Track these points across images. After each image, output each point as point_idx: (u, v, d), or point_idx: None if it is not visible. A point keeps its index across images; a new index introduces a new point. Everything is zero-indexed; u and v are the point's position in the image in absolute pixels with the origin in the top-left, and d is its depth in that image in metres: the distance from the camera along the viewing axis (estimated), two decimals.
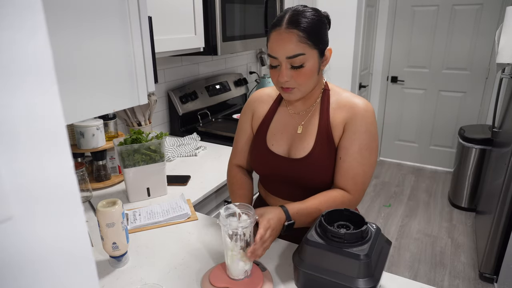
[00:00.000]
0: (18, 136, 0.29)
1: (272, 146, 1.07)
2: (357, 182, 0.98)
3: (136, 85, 0.92)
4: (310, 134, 1.03)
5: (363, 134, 0.97)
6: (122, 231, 0.96)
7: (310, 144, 1.02)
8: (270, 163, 1.07)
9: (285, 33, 0.91)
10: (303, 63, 0.92)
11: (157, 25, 1.40)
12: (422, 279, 2.34)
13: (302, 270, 0.84)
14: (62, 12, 0.72)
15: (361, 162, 0.97)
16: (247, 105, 1.17)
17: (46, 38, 0.30)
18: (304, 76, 0.94)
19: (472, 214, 3.07)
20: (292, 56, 0.91)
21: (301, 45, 0.91)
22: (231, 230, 0.84)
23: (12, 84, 0.29)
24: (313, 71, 0.95)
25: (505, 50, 1.94)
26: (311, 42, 0.91)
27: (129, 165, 1.30)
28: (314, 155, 1.00)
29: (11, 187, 0.29)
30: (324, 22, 0.95)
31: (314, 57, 0.93)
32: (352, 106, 1.00)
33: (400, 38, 3.67)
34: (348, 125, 0.99)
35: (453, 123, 3.66)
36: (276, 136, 1.08)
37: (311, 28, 0.91)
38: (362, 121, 0.97)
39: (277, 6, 2.18)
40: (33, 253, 0.32)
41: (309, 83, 0.97)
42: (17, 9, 0.28)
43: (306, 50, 0.91)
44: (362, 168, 0.98)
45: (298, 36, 0.90)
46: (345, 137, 0.99)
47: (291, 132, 1.06)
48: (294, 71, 0.94)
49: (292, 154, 1.04)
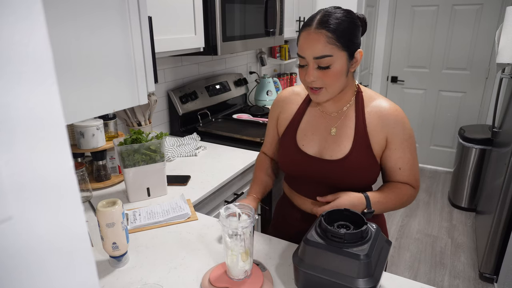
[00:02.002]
0: (18, 135, 0.29)
1: (303, 147, 1.06)
2: (417, 179, 1.07)
3: (136, 85, 0.92)
4: (346, 137, 1.02)
5: (409, 140, 1.02)
6: (122, 231, 0.96)
7: (347, 147, 1.01)
8: (301, 163, 1.06)
9: (314, 33, 0.91)
10: (330, 64, 0.92)
11: (157, 25, 1.40)
12: (422, 279, 2.34)
13: (302, 270, 0.84)
14: (62, 10, 0.72)
15: (415, 164, 1.06)
16: (274, 104, 1.18)
17: (46, 36, 0.30)
18: (331, 77, 0.93)
19: (472, 214, 3.07)
20: (319, 56, 0.91)
21: (329, 46, 0.90)
22: (231, 230, 0.84)
23: (10, 83, 0.29)
24: (341, 72, 0.94)
25: (505, 50, 1.94)
26: (340, 44, 0.90)
27: (129, 165, 1.30)
28: (352, 157, 1.01)
29: (11, 187, 0.29)
30: (356, 24, 0.94)
31: (342, 59, 0.92)
32: (388, 116, 1.01)
33: (400, 38, 3.67)
34: (392, 138, 1.01)
35: (453, 123, 3.66)
36: (307, 136, 1.07)
37: (341, 29, 0.90)
38: (403, 129, 1.01)
39: (277, 6, 2.18)
40: (33, 253, 0.32)
41: (336, 85, 0.96)
42: (17, 6, 0.28)
43: (334, 51, 0.91)
44: (417, 167, 1.07)
45: (326, 37, 0.90)
46: (395, 148, 1.02)
47: (322, 133, 1.06)
48: (321, 72, 0.93)
49: (325, 155, 1.04)
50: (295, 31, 2.65)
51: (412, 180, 1.05)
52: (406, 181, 1.05)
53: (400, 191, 1.04)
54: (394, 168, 1.04)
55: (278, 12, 2.20)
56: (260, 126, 2.17)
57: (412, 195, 1.06)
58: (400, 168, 1.04)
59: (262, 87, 2.74)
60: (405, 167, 1.04)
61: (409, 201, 1.06)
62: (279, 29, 2.26)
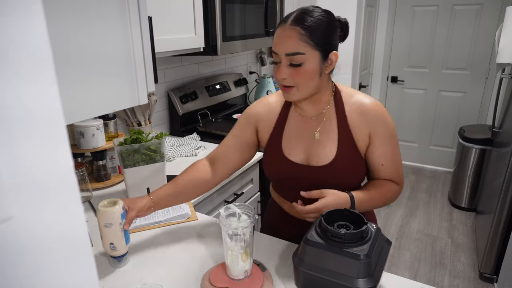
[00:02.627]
0: (18, 136, 0.29)
1: (289, 155, 1.04)
2: (400, 176, 1.06)
3: (136, 85, 0.92)
4: (330, 140, 1.01)
5: (391, 137, 1.01)
6: (120, 232, 0.96)
7: (333, 151, 1.00)
8: (289, 172, 1.04)
9: (288, 29, 0.90)
10: (302, 62, 0.90)
11: (157, 25, 1.40)
12: (422, 279, 2.34)
13: (302, 270, 0.84)
14: (62, 10, 0.72)
15: (398, 160, 1.05)
16: (250, 110, 1.12)
17: (46, 36, 0.30)
18: (302, 75, 0.92)
19: (472, 214, 3.07)
20: (291, 53, 0.90)
21: (302, 43, 0.89)
22: (231, 230, 0.84)
23: (10, 83, 0.29)
24: (313, 72, 0.92)
25: (505, 50, 1.94)
26: (313, 42, 0.89)
27: (129, 165, 1.30)
28: (338, 161, 0.99)
29: (11, 187, 0.29)
30: (333, 25, 0.93)
31: (315, 58, 0.91)
32: (366, 111, 0.99)
33: (400, 38, 3.67)
34: (374, 135, 1.00)
35: (453, 123, 3.66)
36: (292, 143, 1.05)
37: (315, 28, 0.89)
38: (384, 125, 1.00)
39: (277, 6, 2.18)
40: (32, 253, 0.32)
41: (308, 84, 0.94)
42: (16, 5, 0.28)
43: (307, 49, 0.89)
44: (400, 164, 1.06)
45: (299, 33, 0.88)
46: (378, 145, 1.01)
47: (307, 138, 1.03)
48: (293, 69, 0.92)
49: (312, 161, 1.02)
50: None
51: (395, 176, 1.04)
52: (389, 178, 1.04)
53: (383, 188, 1.03)
54: (377, 165, 1.03)
55: (278, 12, 2.20)
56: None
57: (395, 192, 1.05)
58: (382, 165, 1.02)
59: (262, 87, 2.74)
60: (387, 164, 1.02)
61: (393, 197, 1.05)
62: None
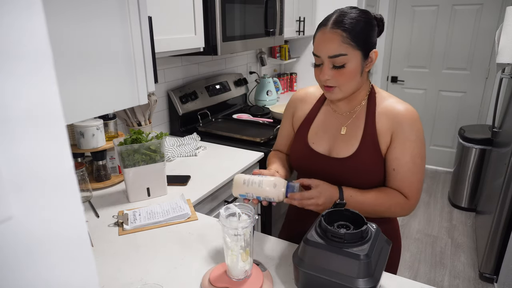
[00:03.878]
0: (18, 136, 0.29)
1: (313, 144, 1.08)
2: (412, 189, 0.99)
3: (136, 85, 0.93)
4: (354, 136, 1.03)
5: (413, 142, 0.97)
6: None
7: (355, 146, 1.01)
8: (310, 161, 1.07)
9: (329, 32, 0.92)
10: (344, 63, 0.93)
11: (157, 25, 1.40)
12: (422, 279, 2.34)
13: (302, 270, 0.84)
14: (61, 9, 0.72)
15: (414, 171, 0.98)
16: (289, 103, 1.19)
17: (46, 36, 0.30)
18: (345, 76, 0.94)
19: (472, 214, 3.07)
20: (334, 55, 0.92)
21: (344, 45, 0.91)
22: (231, 230, 0.84)
23: (10, 83, 0.29)
24: (355, 72, 0.95)
25: (505, 50, 1.94)
26: (354, 43, 0.91)
27: (129, 165, 1.30)
28: (358, 157, 1.00)
29: (11, 187, 0.29)
30: (371, 24, 0.95)
31: (356, 58, 0.93)
32: (397, 114, 0.98)
33: (400, 38, 3.67)
34: (396, 135, 0.98)
35: (453, 123, 3.66)
36: (318, 134, 1.08)
37: (356, 29, 0.91)
38: (410, 130, 0.97)
39: (277, 6, 2.18)
40: (32, 253, 0.32)
41: (351, 84, 0.96)
42: (16, 4, 0.28)
43: (349, 50, 0.92)
44: (416, 177, 0.98)
45: (341, 36, 0.91)
46: (395, 147, 0.98)
47: (333, 132, 1.06)
48: (336, 71, 0.94)
49: (333, 153, 1.04)
50: (295, 31, 2.65)
51: (405, 187, 0.98)
52: (398, 187, 0.99)
53: (385, 195, 0.99)
54: (389, 169, 1.00)
55: (278, 12, 2.20)
56: (260, 126, 2.17)
57: (401, 205, 0.99)
58: (394, 169, 0.98)
59: (262, 87, 2.74)
60: (400, 170, 0.98)
61: (398, 210, 1.00)
62: (279, 29, 2.26)
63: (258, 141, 1.89)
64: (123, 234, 1.15)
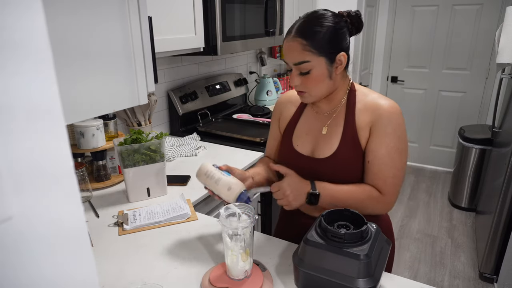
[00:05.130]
0: (18, 135, 0.29)
1: (297, 146, 1.09)
2: (387, 183, 0.97)
3: (136, 85, 0.93)
4: (335, 135, 1.04)
5: (390, 135, 0.96)
6: None
7: (335, 145, 1.02)
8: (294, 163, 1.08)
9: (291, 41, 0.95)
10: (309, 69, 0.94)
11: (157, 25, 1.40)
12: (422, 279, 2.34)
13: (302, 270, 0.84)
14: (61, 9, 0.72)
15: (390, 165, 0.96)
16: (275, 108, 1.21)
17: (46, 36, 0.30)
18: (311, 81, 0.96)
19: (472, 214, 3.07)
20: (297, 63, 0.95)
21: (306, 52, 0.93)
22: (231, 230, 0.84)
23: (10, 83, 0.29)
24: (321, 77, 0.96)
25: (505, 50, 1.94)
26: (316, 50, 0.92)
27: (129, 165, 1.30)
28: (339, 155, 1.01)
29: (11, 187, 0.29)
30: (336, 28, 0.94)
31: (321, 64, 0.94)
32: (377, 108, 0.98)
33: (400, 38, 3.67)
34: (374, 128, 0.98)
35: (453, 123, 3.66)
36: (302, 136, 1.10)
37: (317, 36, 0.92)
38: (388, 123, 0.96)
39: (277, 6, 2.18)
40: (32, 253, 0.32)
41: (319, 88, 0.98)
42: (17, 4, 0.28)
43: (311, 57, 0.93)
44: (392, 171, 0.97)
45: (301, 44, 0.93)
46: (372, 140, 0.98)
47: (316, 132, 1.08)
48: (303, 77, 0.96)
49: (316, 154, 1.06)
50: None
51: (379, 181, 0.97)
52: (372, 180, 0.98)
53: (357, 188, 0.98)
54: (365, 161, 0.99)
55: (278, 12, 2.20)
56: (260, 126, 2.17)
57: (375, 199, 0.97)
58: (368, 162, 0.98)
59: (262, 87, 2.74)
60: (374, 162, 0.97)
61: (372, 205, 0.98)
62: (279, 29, 2.26)
63: (258, 141, 1.89)
64: (123, 234, 1.15)
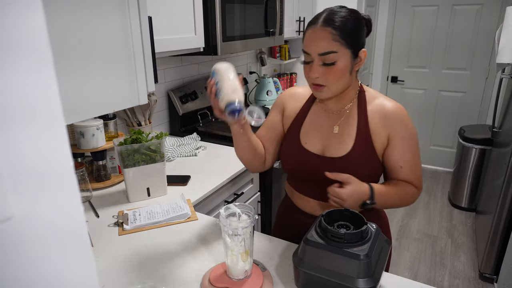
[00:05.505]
0: (18, 135, 0.29)
1: (305, 144, 1.07)
2: (419, 180, 1.07)
3: (136, 85, 0.92)
4: (348, 135, 1.03)
5: (408, 138, 1.02)
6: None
7: (349, 145, 1.02)
8: (303, 161, 1.07)
9: (320, 30, 0.93)
10: (335, 60, 0.93)
11: (157, 25, 1.40)
12: (422, 279, 2.34)
13: (302, 270, 0.84)
14: (61, 8, 0.72)
15: (416, 162, 1.05)
16: (279, 100, 1.18)
17: (47, 36, 0.30)
18: (335, 73, 0.95)
19: (472, 214, 3.07)
20: (324, 53, 0.93)
21: (334, 43, 0.92)
22: (231, 230, 0.84)
23: (10, 82, 0.29)
24: (345, 70, 0.95)
25: (505, 50, 1.94)
26: (345, 41, 0.92)
27: (129, 165, 1.30)
28: (353, 155, 1.01)
29: (12, 187, 0.29)
30: (361, 23, 0.96)
31: (346, 56, 0.94)
32: (389, 114, 1.02)
33: (400, 38, 3.67)
34: (392, 136, 1.02)
35: (453, 123, 3.66)
36: (310, 134, 1.08)
37: (346, 27, 0.92)
38: (403, 127, 1.02)
39: (277, 6, 2.18)
40: (32, 253, 0.32)
41: (340, 82, 0.97)
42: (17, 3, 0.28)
43: (339, 48, 0.92)
44: (419, 167, 1.07)
45: (331, 34, 0.92)
46: (394, 146, 1.02)
47: (325, 131, 1.07)
48: (326, 68, 0.95)
49: (327, 153, 1.05)
50: (295, 31, 2.65)
51: (413, 179, 1.05)
52: (407, 180, 1.05)
53: (402, 188, 1.04)
54: (395, 166, 1.04)
55: (278, 12, 2.20)
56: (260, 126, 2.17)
57: (414, 194, 1.06)
58: (401, 167, 1.04)
59: (262, 87, 2.74)
60: (406, 166, 1.04)
61: (411, 200, 1.06)
62: (279, 29, 2.26)
63: None
64: (123, 234, 1.15)
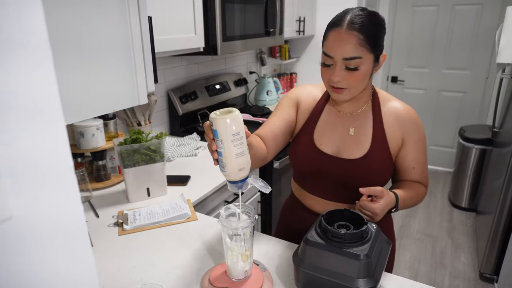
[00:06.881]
0: (18, 135, 0.29)
1: (320, 146, 1.06)
2: (427, 178, 1.11)
3: (136, 85, 0.93)
4: (364, 137, 1.03)
5: (422, 140, 1.06)
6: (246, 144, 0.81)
7: (366, 147, 1.02)
8: (318, 162, 1.06)
9: (345, 33, 0.90)
10: (358, 66, 0.92)
11: (157, 25, 1.40)
12: (422, 279, 2.34)
13: (302, 270, 0.84)
14: (60, 7, 0.72)
15: (426, 162, 1.10)
16: (291, 94, 1.13)
17: (47, 37, 0.30)
18: (357, 78, 0.93)
19: (472, 214, 3.07)
20: (349, 58, 0.91)
21: (360, 48, 0.90)
22: (231, 230, 0.84)
23: (10, 82, 0.28)
24: (366, 74, 0.94)
25: (505, 50, 1.94)
26: (370, 46, 0.91)
27: (129, 165, 1.30)
28: (370, 157, 1.01)
29: (12, 187, 0.29)
30: (382, 27, 0.95)
31: (369, 61, 0.93)
32: (403, 116, 1.04)
33: (400, 38, 3.67)
34: (407, 139, 1.04)
35: (453, 123, 3.66)
36: (324, 135, 1.07)
37: (371, 32, 0.91)
38: (416, 130, 1.04)
39: (277, 6, 2.18)
40: (31, 252, 0.32)
41: (360, 86, 0.97)
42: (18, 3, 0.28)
43: (364, 53, 0.91)
44: (427, 165, 1.11)
45: (358, 38, 0.89)
46: (409, 148, 1.05)
47: (340, 132, 1.06)
48: (348, 73, 0.93)
49: (343, 154, 1.04)
50: (295, 31, 2.65)
51: (424, 179, 1.09)
52: (418, 180, 1.08)
53: (417, 190, 1.07)
54: (409, 167, 1.06)
55: (278, 12, 2.20)
56: (260, 126, 2.17)
57: (424, 194, 1.10)
58: (414, 168, 1.07)
59: (262, 87, 2.74)
60: (418, 167, 1.07)
61: (421, 199, 1.09)
62: (279, 29, 2.26)
63: None
64: (123, 234, 1.15)
